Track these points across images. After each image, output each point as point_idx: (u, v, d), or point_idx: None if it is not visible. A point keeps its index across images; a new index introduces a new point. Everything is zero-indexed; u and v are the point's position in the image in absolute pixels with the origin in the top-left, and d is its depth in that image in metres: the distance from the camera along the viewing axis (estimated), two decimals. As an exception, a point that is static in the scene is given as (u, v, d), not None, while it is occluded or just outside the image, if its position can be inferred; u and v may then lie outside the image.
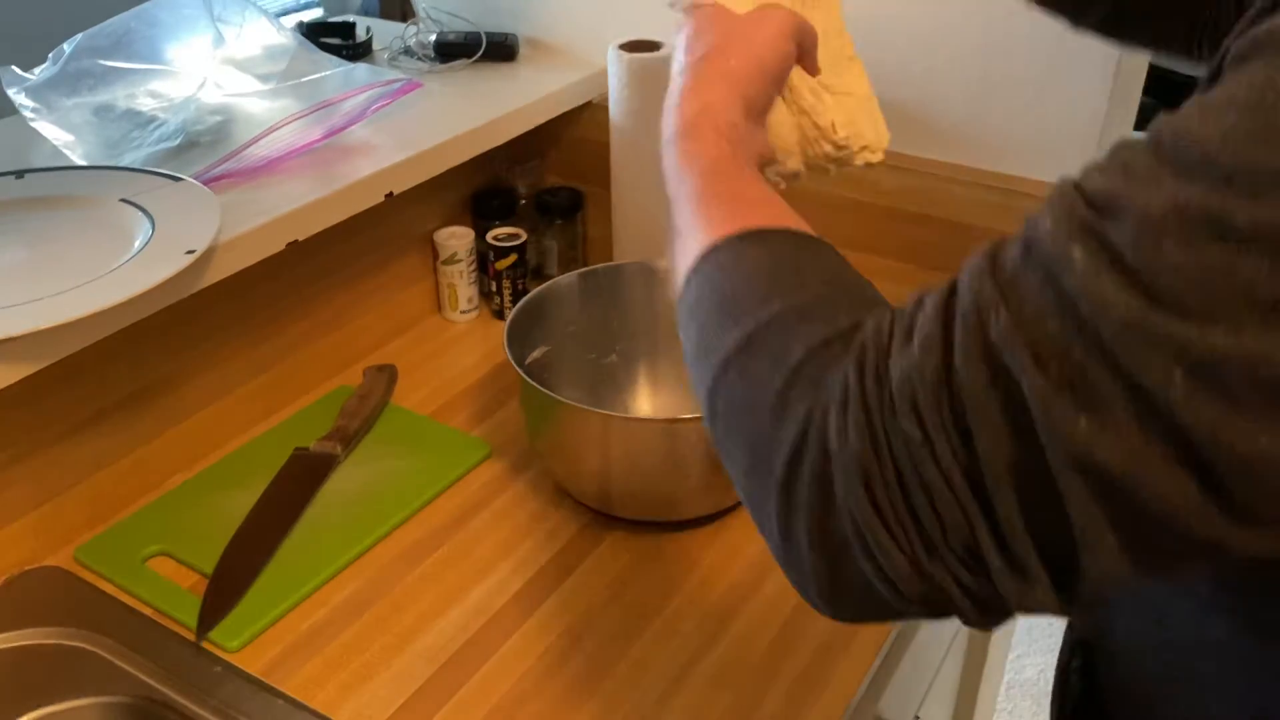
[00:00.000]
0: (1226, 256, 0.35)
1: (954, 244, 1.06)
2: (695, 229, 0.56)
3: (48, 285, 0.78)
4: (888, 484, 0.41)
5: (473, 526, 0.95)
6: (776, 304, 0.48)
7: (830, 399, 0.43)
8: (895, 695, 0.96)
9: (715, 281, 0.52)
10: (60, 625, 0.83)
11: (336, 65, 1.13)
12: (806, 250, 0.52)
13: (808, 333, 0.46)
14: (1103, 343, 0.37)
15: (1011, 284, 0.39)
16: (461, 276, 1.23)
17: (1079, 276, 0.37)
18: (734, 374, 0.48)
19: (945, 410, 0.40)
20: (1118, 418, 0.37)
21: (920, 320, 0.42)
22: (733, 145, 0.62)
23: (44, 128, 0.98)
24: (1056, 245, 0.38)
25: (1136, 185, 0.37)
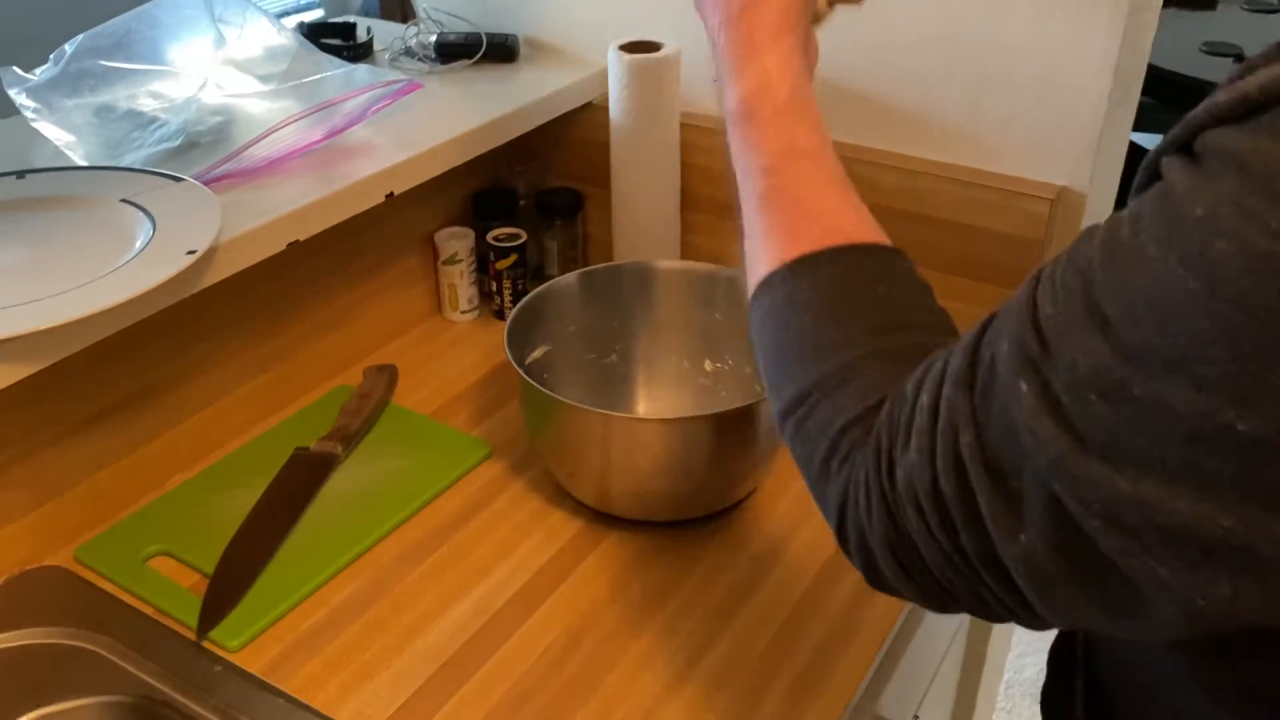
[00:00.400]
0: (1130, 416, 0.41)
1: (954, 244, 1.06)
2: (759, 241, 0.61)
3: (49, 285, 0.78)
4: (909, 554, 0.50)
5: (473, 526, 0.95)
6: (823, 365, 0.55)
7: (858, 483, 0.52)
8: (895, 694, 0.96)
9: (772, 325, 0.58)
10: (61, 625, 0.84)
11: (337, 66, 1.14)
12: (857, 279, 0.57)
13: (844, 404, 0.53)
14: (1039, 471, 0.43)
15: (981, 400, 0.46)
16: (462, 277, 1.23)
17: (1025, 412, 0.44)
18: (793, 424, 0.56)
19: (938, 511, 0.48)
20: (1049, 537, 0.44)
21: (917, 420, 0.49)
22: (793, 129, 0.62)
23: (45, 128, 0.98)
24: (1009, 376, 0.44)
25: (1068, 330, 0.43)
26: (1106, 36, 0.95)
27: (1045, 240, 1.01)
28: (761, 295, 0.59)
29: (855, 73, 1.08)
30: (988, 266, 1.05)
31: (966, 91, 1.03)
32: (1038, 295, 0.45)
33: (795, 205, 0.60)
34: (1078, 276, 0.43)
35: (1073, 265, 0.44)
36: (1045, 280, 0.45)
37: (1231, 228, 0.38)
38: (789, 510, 0.96)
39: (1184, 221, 0.40)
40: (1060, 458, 0.42)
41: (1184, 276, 0.39)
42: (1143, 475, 0.41)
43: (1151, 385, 0.40)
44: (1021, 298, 0.46)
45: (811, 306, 0.56)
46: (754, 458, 0.93)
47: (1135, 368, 0.40)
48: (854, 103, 1.09)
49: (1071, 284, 0.43)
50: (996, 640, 1.37)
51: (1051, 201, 1.00)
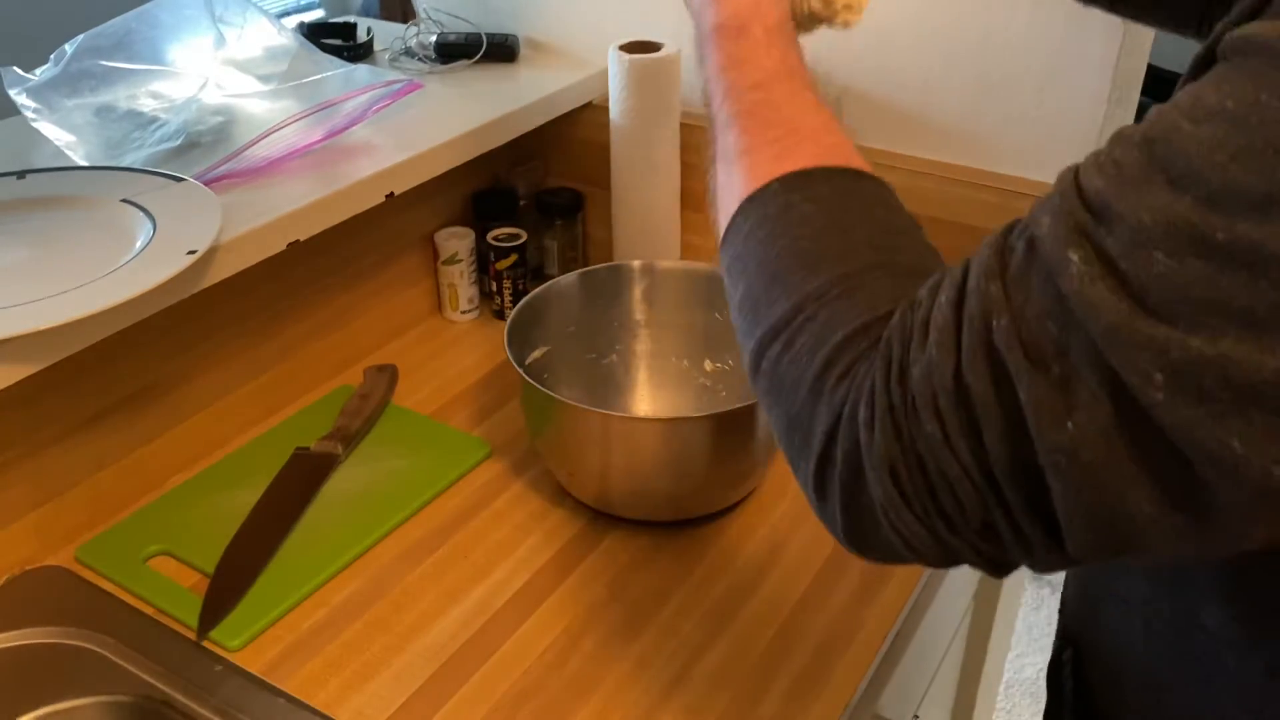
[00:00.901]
0: (1207, 270, 0.37)
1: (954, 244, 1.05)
2: (741, 160, 0.56)
3: (49, 285, 0.78)
4: (911, 474, 0.44)
5: (473, 526, 0.95)
6: (822, 276, 0.50)
7: (860, 394, 0.46)
8: (894, 694, 0.96)
9: (761, 237, 0.53)
10: (61, 625, 0.84)
11: (337, 66, 1.14)
12: (855, 199, 0.53)
13: (846, 315, 0.48)
14: (1093, 344, 0.39)
15: (1015, 284, 0.42)
16: (462, 277, 1.23)
17: (1074, 280, 0.39)
18: (779, 346, 0.50)
19: (961, 410, 0.42)
20: (1101, 419, 0.39)
21: (935, 317, 0.44)
22: (784, 50, 0.60)
23: (45, 128, 0.98)
24: (1056, 248, 0.40)
25: (1129, 192, 0.39)
26: (1106, 37, 0.95)
27: (1045, 240, 1.02)
28: (746, 213, 0.54)
29: (855, 73, 1.08)
30: (987, 266, 1.05)
31: (966, 91, 1.03)
32: (1080, 179, 0.41)
33: (787, 122, 0.57)
34: (1134, 149, 0.40)
35: (1123, 143, 0.41)
36: (1087, 166, 0.42)
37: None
38: (789, 510, 0.96)
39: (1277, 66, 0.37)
40: (1118, 325, 0.38)
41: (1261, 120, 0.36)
42: (1221, 332, 0.37)
43: (1240, 228, 0.36)
44: (1056, 188, 0.42)
45: (808, 219, 0.52)
46: (754, 458, 0.93)
47: (1220, 213, 0.37)
48: (854, 103, 1.09)
49: (1125, 157, 0.40)
50: (996, 640, 1.37)
51: (1051, 202, 1.00)
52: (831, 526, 0.50)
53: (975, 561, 0.46)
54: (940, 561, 0.47)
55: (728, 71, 0.59)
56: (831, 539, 0.62)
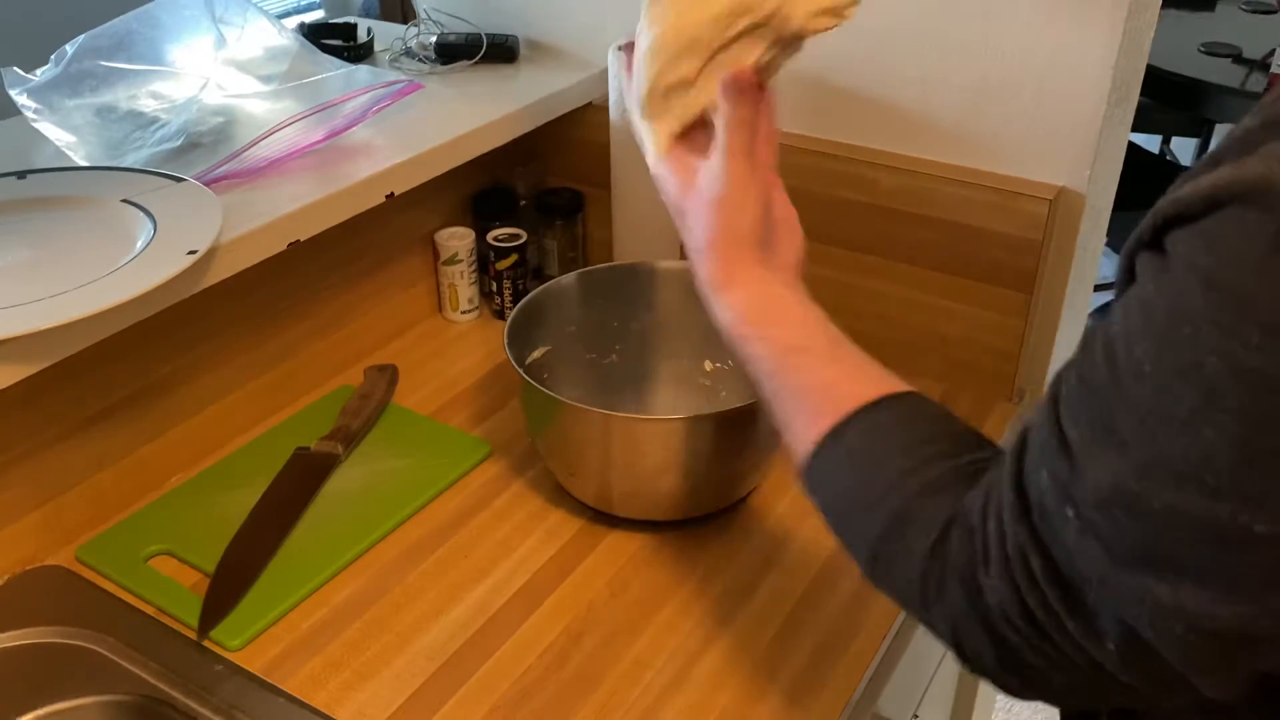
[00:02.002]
0: (1151, 528, 0.44)
1: (954, 244, 1.06)
2: (786, 435, 0.66)
3: (50, 285, 0.78)
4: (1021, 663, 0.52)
5: (473, 526, 0.95)
6: (880, 518, 0.58)
7: (958, 617, 0.54)
8: (894, 694, 0.96)
9: (825, 500, 0.63)
10: (62, 624, 0.84)
11: (338, 66, 1.14)
12: (880, 435, 0.61)
13: (913, 548, 0.56)
14: (1093, 590, 0.47)
15: (1042, 528, 0.49)
16: (462, 277, 1.23)
17: (1073, 536, 0.47)
18: (879, 581, 0.60)
19: (1034, 628, 0.50)
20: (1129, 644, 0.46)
21: (991, 549, 0.51)
22: (773, 323, 0.68)
23: (46, 128, 0.98)
24: (1056, 505, 0.47)
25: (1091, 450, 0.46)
26: (1105, 37, 0.95)
27: (1044, 240, 1.02)
28: (807, 485, 0.64)
29: (855, 73, 1.08)
30: (987, 266, 1.05)
31: (966, 91, 1.03)
32: (1061, 418, 0.48)
33: (801, 394, 0.65)
34: (1091, 398, 0.46)
35: (1084, 386, 0.47)
36: (1063, 402, 0.48)
37: (1216, 345, 0.41)
38: (789, 510, 0.96)
39: (1173, 338, 0.42)
40: (1103, 575, 0.45)
41: (1183, 390, 0.42)
42: (1179, 585, 0.43)
43: (1168, 497, 0.42)
44: (1045, 418, 0.49)
45: (847, 473, 0.61)
46: (754, 458, 0.93)
47: (1152, 481, 0.43)
48: (854, 103, 1.09)
49: (1087, 405, 0.46)
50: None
51: (1050, 202, 1.00)
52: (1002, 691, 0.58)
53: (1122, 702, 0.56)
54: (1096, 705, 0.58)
55: (746, 368, 0.68)
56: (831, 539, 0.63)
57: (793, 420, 0.65)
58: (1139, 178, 2.25)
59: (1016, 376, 1.09)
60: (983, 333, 1.08)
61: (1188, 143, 3.25)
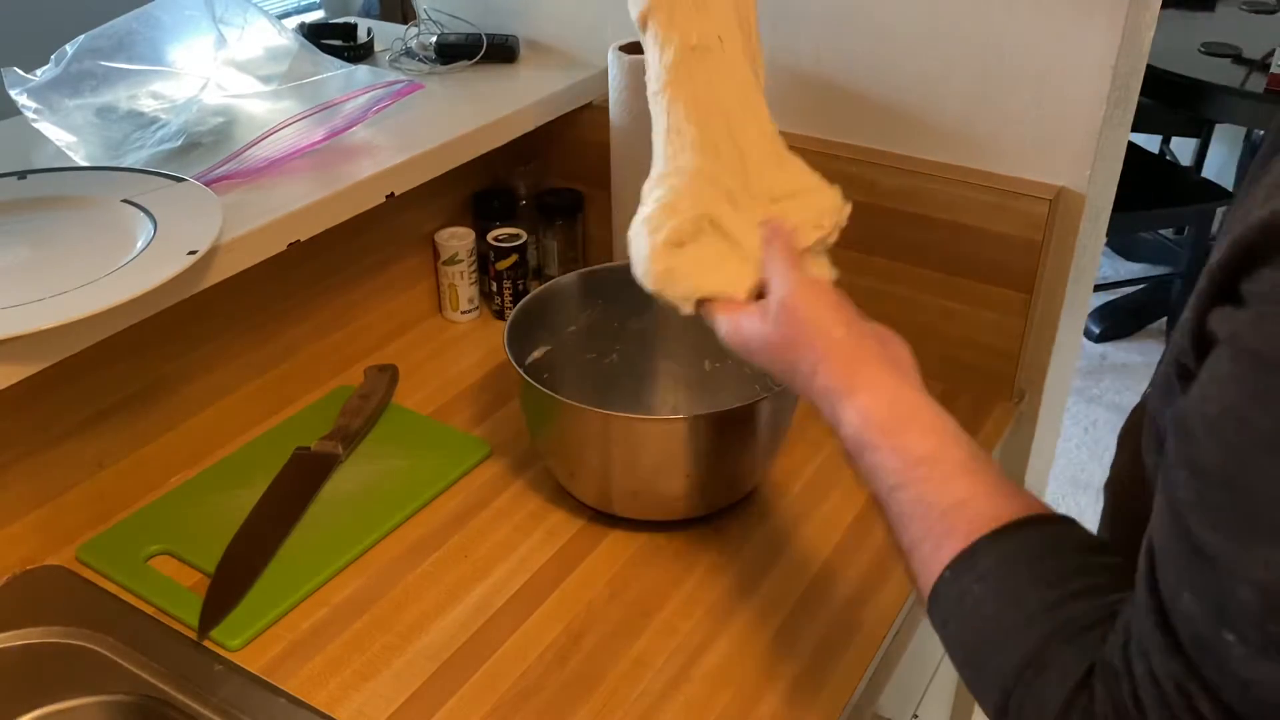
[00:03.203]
0: None
1: (953, 244, 1.06)
2: (912, 555, 0.59)
3: (50, 285, 0.78)
4: None
5: (473, 526, 0.95)
6: (1014, 658, 0.52)
7: None
8: (894, 694, 0.96)
9: (953, 631, 0.57)
10: (62, 624, 0.84)
11: (338, 67, 1.14)
12: (1019, 562, 0.54)
13: (1051, 695, 0.50)
14: None
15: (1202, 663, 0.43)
16: (462, 277, 1.23)
17: (1240, 664, 0.41)
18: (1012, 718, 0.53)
19: None
20: None
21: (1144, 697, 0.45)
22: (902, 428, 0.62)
23: (46, 129, 0.98)
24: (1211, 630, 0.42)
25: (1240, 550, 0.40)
26: (1105, 37, 0.95)
27: (1044, 240, 1.02)
28: (934, 611, 0.58)
29: (855, 73, 1.08)
30: (987, 266, 1.05)
31: (966, 92, 1.03)
32: (1189, 524, 0.43)
33: (930, 510, 0.58)
34: (1219, 490, 0.41)
35: (1203, 477, 0.42)
36: (1184, 503, 0.43)
37: None
38: (788, 510, 0.96)
39: None
40: None
41: None
42: None
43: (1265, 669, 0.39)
44: (1167, 530, 0.44)
45: (981, 603, 0.55)
46: (754, 457, 0.93)
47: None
48: (854, 103, 1.09)
49: (1217, 499, 0.41)
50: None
51: (1050, 202, 1.00)
52: None
53: None
54: None
55: (871, 483, 0.62)
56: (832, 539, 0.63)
57: (921, 540, 0.58)
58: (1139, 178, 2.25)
59: (1016, 377, 1.09)
60: (983, 333, 1.08)
61: (1188, 143, 3.24)
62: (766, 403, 0.89)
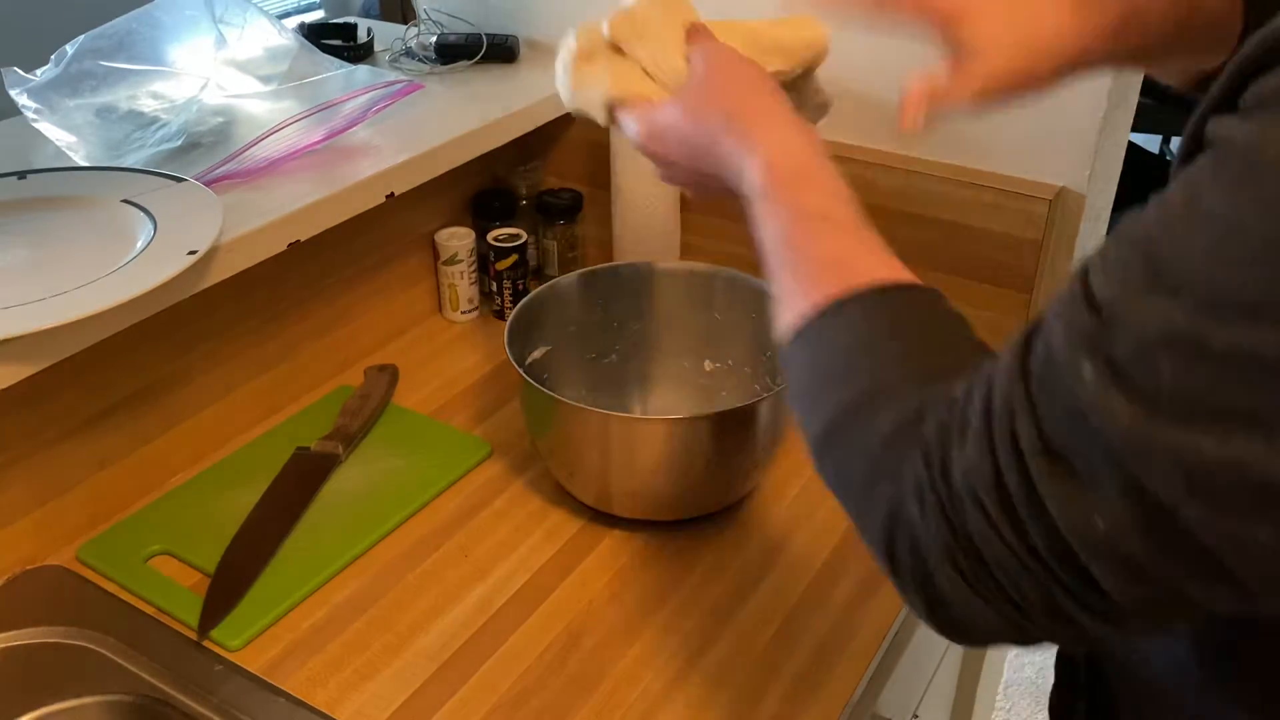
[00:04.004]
0: (1209, 376, 0.39)
1: (953, 244, 1.06)
2: (784, 303, 0.59)
3: (50, 285, 0.78)
4: (971, 562, 0.46)
5: (473, 526, 0.95)
6: (857, 387, 0.53)
7: (907, 491, 0.48)
8: (894, 694, 0.96)
9: (802, 362, 0.57)
10: (62, 624, 0.84)
11: (338, 67, 1.14)
12: (885, 314, 0.56)
13: (884, 422, 0.51)
14: (1111, 452, 0.41)
15: (1037, 390, 0.44)
16: (462, 277, 1.23)
17: (1089, 390, 0.41)
18: (828, 456, 0.54)
19: (1004, 509, 0.45)
20: (1130, 519, 0.41)
21: (970, 418, 0.46)
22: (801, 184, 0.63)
23: (46, 128, 0.98)
24: (1070, 358, 0.42)
25: (1134, 299, 0.41)
26: (1105, 37, 0.95)
27: (1044, 240, 1.02)
28: (789, 349, 0.58)
29: (855, 73, 1.08)
30: (986, 266, 1.05)
31: (966, 92, 1.03)
32: (1089, 281, 0.43)
33: (812, 260, 0.59)
34: (1134, 250, 0.42)
35: (1125, 240, 0.43)
36: (1094, 268, 0.43)
37: None
38: (788, 510, 0.96)
39: (1256, 168, 0.39)
40: (1134, 431, 0.40)
41: (1262, 219, 0.38)
42: (1231, 434, 0.38)
43: (1234, 334, 0.38)
44: (1068, 290, 0.44)
45: (840, 341, 0.55)
46: (754, 458, 0.93)
47: (1214, 320, 0.38)
48: (854, 103, 1.09)
49: (1128, 258, 0.42)
50: (996, 640, 1.37)
51: (1050, 202, 1.00)
52: (919, 616, 0.51)
53: (1059, 640, 0.49)
54: (1025, 642, 0.49)
55: (761, 231, 0.63)
56: (831, 539, 0.63)
57: (796, 287, 0.58)
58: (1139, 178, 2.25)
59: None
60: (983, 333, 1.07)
61: (1188, 143, 3.24)
62: (766, 403, 0.89)
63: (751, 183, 0.64)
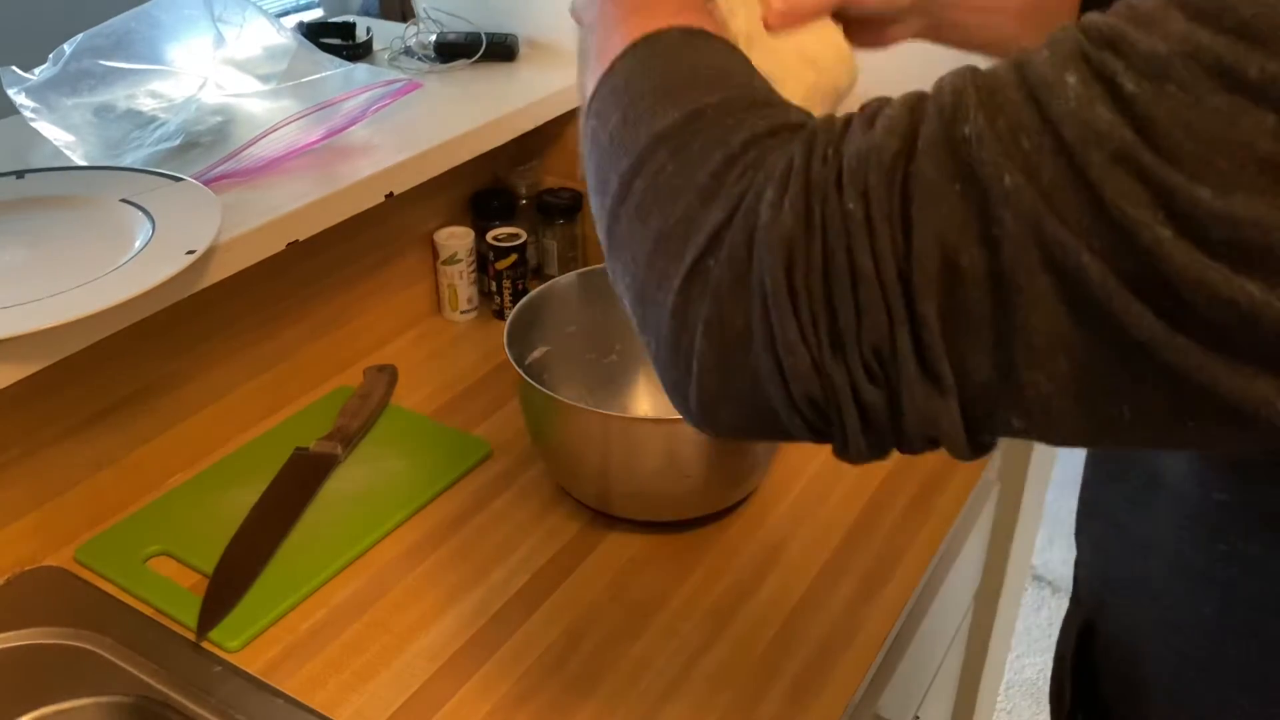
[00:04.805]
0: (1231, 108, 0.33)
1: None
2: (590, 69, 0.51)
3: (48, 285, 0.78)
4: (811, 267, 0.39)
5: (473, 526, 0.95)
6: (725, 91, 0.45)
7: (769, 178, 0.41)
8: (895, 694, 0.96)
9: (648, 70, 0.48)
10: (61, 625, 0.84)
11: (337, 66, 1.14)
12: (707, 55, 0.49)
13: (756, 119, 0.43)
14: (1085, 170, 0.35)
15: (992, 93, 0.37)
16: (461, 276, 1.23)
17: (1070, 101, 0.35)
18: (664, 154, 0.45)
19: (895, 194, 0.38)
20: (1093, 243, 0.35)
21: (886, 110, 0.40)
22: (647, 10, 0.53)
23: (44, 128, 0.98)
24: (1051, 69, 0.36)
25: (1144, 24, 0.35)
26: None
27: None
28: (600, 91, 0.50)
29: (855, 72, 1.08)
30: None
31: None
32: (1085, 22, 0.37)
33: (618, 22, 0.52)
34: None
35: None
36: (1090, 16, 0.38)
37: None
38: (789, 511, 0.96)
39: None
40: (1120, 151, 0.34)
41: None
42: (1233, 184, 0.33)
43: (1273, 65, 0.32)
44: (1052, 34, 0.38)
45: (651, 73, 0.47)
46: (754, 458, 0.93)
47: (1255, 47, 0.33)
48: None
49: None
50: (997, 641, 1.37)
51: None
52: (681, 373, 0.43)
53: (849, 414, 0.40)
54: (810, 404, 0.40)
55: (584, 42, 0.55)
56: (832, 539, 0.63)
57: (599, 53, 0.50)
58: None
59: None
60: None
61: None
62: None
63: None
